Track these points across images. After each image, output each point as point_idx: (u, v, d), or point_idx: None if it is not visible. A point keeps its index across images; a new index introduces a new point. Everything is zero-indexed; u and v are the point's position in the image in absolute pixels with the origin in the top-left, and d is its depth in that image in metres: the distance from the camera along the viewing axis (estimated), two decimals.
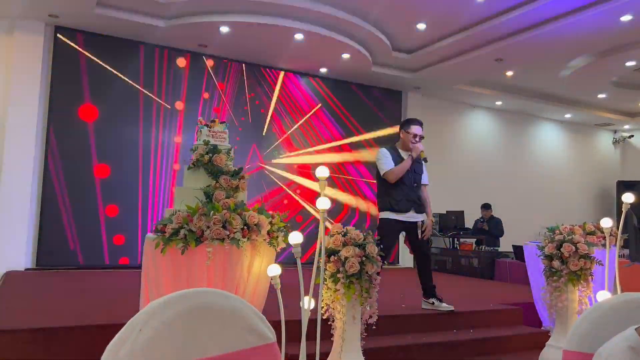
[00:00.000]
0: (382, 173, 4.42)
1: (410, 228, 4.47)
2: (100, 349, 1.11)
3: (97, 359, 1.11)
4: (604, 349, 1.12)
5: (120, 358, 0.99)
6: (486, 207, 9.39)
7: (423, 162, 4.50)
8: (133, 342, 1.00)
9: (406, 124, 4.58)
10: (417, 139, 4.47)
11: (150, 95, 7.77)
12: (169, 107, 7.89)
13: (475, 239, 9.24)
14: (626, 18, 6.37)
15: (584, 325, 1.39)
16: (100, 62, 7.46)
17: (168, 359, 1.03)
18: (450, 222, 9.47)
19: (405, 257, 9.68)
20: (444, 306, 4.49)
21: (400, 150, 4.54)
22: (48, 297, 4.82)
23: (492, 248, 8.89)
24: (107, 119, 7.46)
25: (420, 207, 4.51)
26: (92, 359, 3.16)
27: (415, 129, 4.48)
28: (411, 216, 4.45)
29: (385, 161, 4.42)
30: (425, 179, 4.66)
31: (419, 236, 4.44)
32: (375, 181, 4.70)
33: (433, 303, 4.52)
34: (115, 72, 7.55)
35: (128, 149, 7.58)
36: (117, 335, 1.03)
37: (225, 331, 1.10)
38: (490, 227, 9.15)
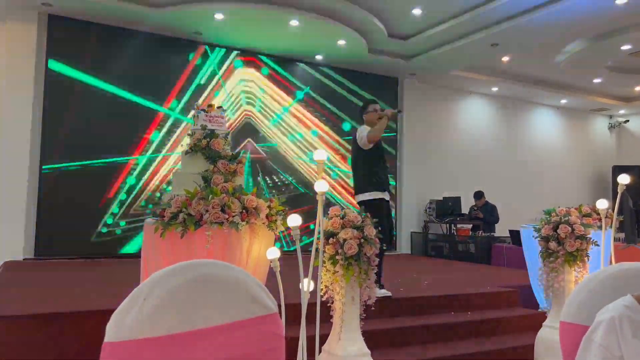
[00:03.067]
0: (365, 137, 4.45)
1: (387, 206, 4.55)
2: (100, 333, 1.12)
3: (97, 343, 1.12)
4: (602, 310, 1.16)
5: (126, 325, 1.00)
6: (478, 195, 9.34)
7: (399, 114, 4.53)
8: (139, 310, 1.01)
9: (365, 107, 4.76)
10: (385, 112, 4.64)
11: (145, 83, 7.73)
12: (166, 95, 7.86)
13: (471, 225, 9.29)
14: (621, 1, 6.36)
15: (581, 295, 1.41)
16: (95, 50, 7.42)
17: (173, 327, 1.04)
18: (447, 208, 9.50)
19: (402, 244, 9.73)
20: (382, 292, 4.34)
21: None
22: (47, 285, 4.83)
23: (488, 233, 8.94)
24: (103, 107, 7.43)
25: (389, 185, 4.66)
26: (92, 342, 3.18)
27: (374, 107, 4.68)
28: (387, 195, 4.54)
29: (365, 129, 4.53)
30: None
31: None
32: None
33: None
34: (109, 60, 7.51)
35: (124, 138, 7.56)
36: (122, 304, 1.04)
37: (229, 301, 1.12)
38: (484, 214, 9.18)
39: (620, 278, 1.38)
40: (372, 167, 4.49)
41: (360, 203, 4.40)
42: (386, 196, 4.48)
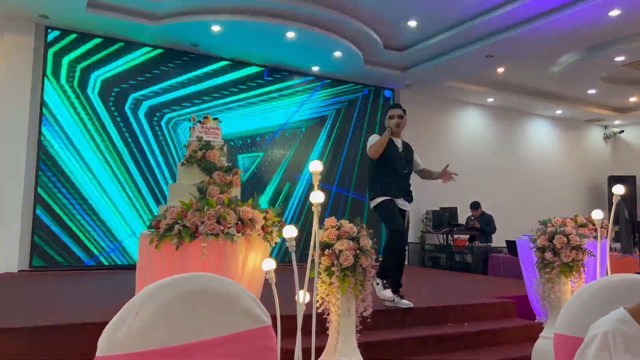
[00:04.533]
0: (367, 149, 4.50)
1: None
2: (95, 345, 1.12)
3: (92, 355, 1.12)
4: (594, 324, 1.16)
5: (117, 340, 1.00)
6: (475, 206, 9.34)
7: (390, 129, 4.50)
8: (130, 325, 1.01)
9: (386, 112, 4.71)
10: (398, 120, 4.56)
11: (142, 95, 7.75)
12: (163, 107, 7.88)
13: (468, 235, 9.29)
14: (614, 13, 6.42)
15: (574, 306, 1.41)
16: (92, 63, 7.44)
17: (165, 340, 1.04)
18: (444, 219, 9.51)
19: None
20: (404, 302, 4.39)
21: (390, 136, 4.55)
22: (42, 297, 4.80)
23: (485, 244, 8.94)
24: (99, 119, 7.44)
25: (409, 197, 4.55)
26: (87, 355, 3.16)
27: (391, 112, 4.62)
28: (401, 203, 4.47)
29: (372, 139, 4.53)
30: (419, 164, 4.75)
31: (406, 224, 4.47)
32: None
33: (394, 300, 4.41)
34: (106, 72, 7.52)
35: (119, 148, 7.56)
36: (113, 318, 1.04)
37: (221, 314, 1.11)
38: (481, 225, 9.18)
39: (613, 290, 1.38)
40: (379, 175, 4.46)
41: (373, 209, 4.49)
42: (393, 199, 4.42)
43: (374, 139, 4.53)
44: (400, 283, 4.50)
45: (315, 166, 2.85)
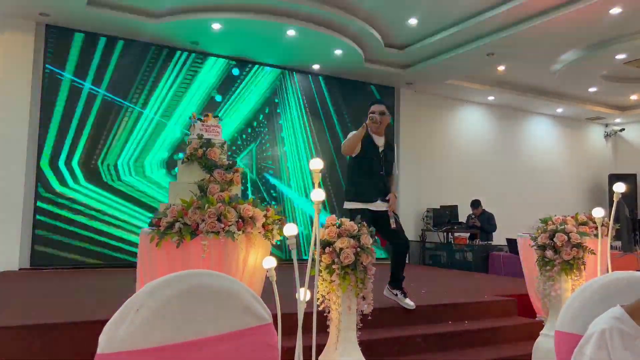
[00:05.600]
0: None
1: (380, 218, 4.27)
2: (95, 343, 1.12)
3: (92, 353, 1.12)
4: (592, 324, 1.17)
5: (118, 337, 1.00)
6: (475, 204, 9.33)
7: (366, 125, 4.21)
8: (131, 322, 1.01)
9: (369, 107, 4.48)
10: (374, 115, 4.29)
11: (142, 93, 7.75)
12: (162, 104, 7.88)
13: (469, 233, 9.29)
14: (615, 10, 6.42)
15: (575, 304, 1.41)
16: (92, 60, 7.43)
17: (165, 338, 1.04)
18: (444, 217, 9.50)
19: None
20: (407, 302, 4.33)
21: (371, 134, 4.36)
22: (43, 295, 4.80)
23: (485, 242, 8.94)
24: (99, 116, 7.44)
25: (386, 197, 4.34)
26: (87, 353, 3.16)
27: (372, 108, 4.38)
28: (379, 205, 4.28)
29: (349, 135, 4.32)
30: (394, 168, 4.52)
31: (392, 225, 4.26)
32: None
33: (397, 295, 4.37)
34: (106, 69, 7.52)
35: (119, 146, 7.56)
36: (114, 315, 1.04)
37: (222, 311, 1.11)
38: (482, 223, 9.18)
39: (614, 288, 1.39)
40: (355, 176, 4.32)
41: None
42: (371, 207, 4.23)
43: (349, 134, 4.34)
44: (402, 276, 4.42)
45: (316, 164, 2.84)
